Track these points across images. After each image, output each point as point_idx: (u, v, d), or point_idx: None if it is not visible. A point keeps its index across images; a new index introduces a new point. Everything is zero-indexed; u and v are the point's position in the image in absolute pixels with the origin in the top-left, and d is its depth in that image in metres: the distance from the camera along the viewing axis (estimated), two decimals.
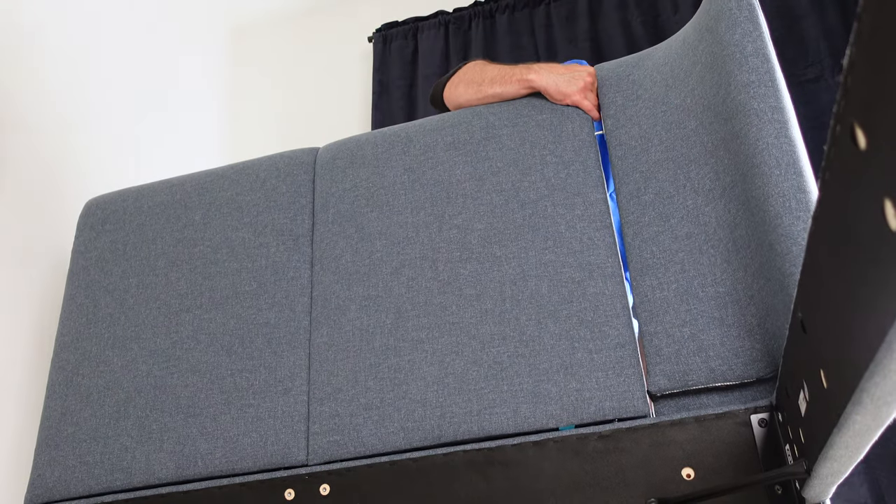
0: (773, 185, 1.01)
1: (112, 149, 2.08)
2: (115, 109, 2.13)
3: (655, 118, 1.23)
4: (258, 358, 1.26)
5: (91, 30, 2.10)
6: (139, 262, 1.43)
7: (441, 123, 1.38)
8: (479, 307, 1.17)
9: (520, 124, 1.32)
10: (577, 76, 1.32)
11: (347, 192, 1.36)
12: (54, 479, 1.28)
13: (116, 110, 2.14)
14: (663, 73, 1.26)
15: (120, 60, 2.21)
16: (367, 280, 1.26)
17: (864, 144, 0.33)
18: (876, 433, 0.50)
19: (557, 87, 1.31)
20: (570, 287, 1.15)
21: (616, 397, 1.06)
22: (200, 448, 1.22)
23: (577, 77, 1.31)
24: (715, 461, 0.94)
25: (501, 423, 1.09)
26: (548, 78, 1.32)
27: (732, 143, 1.09)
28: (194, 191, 1.47)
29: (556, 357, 1.10)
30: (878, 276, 0.35)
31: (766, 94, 1.07)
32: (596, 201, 1.21)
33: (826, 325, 0.50)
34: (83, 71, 2.02)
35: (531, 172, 1.26)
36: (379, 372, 1.18)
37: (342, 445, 1.15)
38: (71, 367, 1.37)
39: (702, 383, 1.04)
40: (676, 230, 1.13)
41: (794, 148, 1.03)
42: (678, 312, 1.08)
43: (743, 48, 1.11)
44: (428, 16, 2.82)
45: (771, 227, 1.00)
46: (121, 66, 2.21)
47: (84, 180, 1.91)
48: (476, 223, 1.25)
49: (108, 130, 2.08)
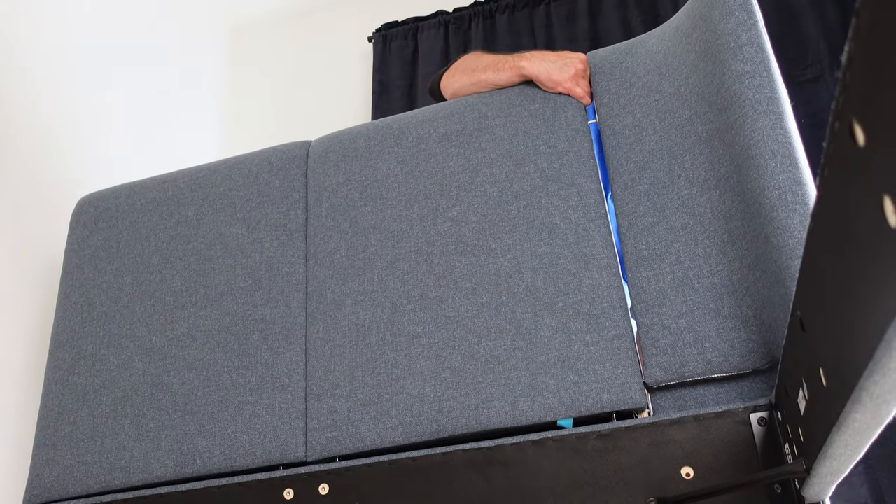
0: (769, 176, 1.00)
1: (112, 149, 2.07)
2: (114, 109, 2.12)
3: (649, 107, 1.22)
4: (254, 354, 1.26)
5: (90, 29, 2.08)
6: (133, 260, 1.42)
7: (433, 114, 1.36)
8: (475, 300, 1.17)
9: (512, 114, 1.31)
10: (569, 63, 1.31)
11: (340, 186, 1.35)
12: (52, 479, 1.27)
13: (116, 110, 2.13)
14: (657, 60, 1.25)
15: (119, 60, 2.20)
16: (363, 274, 1.26)
17: (863, 141, 0.33)
18: (875, 432, 0.49)
19: (549, 75, 1.30)
20: (566, 279, 1.14)
21: (614, 389, 1.05)
22: (199, 446, 1.21)
23: (569, 64, 1.31)
24: (714, 460, 0.94)
25: (499, 417, 1.08)
26: (539, 65, 1.31)
27: (727, 133, 1.08)
28: (187, 187, 1.46)
29: (553, 350, 1.10)
30: (877, 273, 0.34)
31: (761, 84, 1.06)
32: (590, 192, 1.20)
33: (825, 323, 0.49)
34: (82, 70, 2.01)
35: (525, 163, 1.25)
36: (376, 367, 1.18)
37: (340, 441, 1.15)
38: (67, 366, 1.36)
39: (698, 375, 1.04)
40: (671, 221, 1.13)
41: (789, 139, 1.02)
42: (674, 304, 1.07)
43: (737, 37, 1.10)
44: (428, 16, 2.81)
45: (767, 220, 0.99)
46: (120, 65, 2.20)
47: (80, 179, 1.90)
48: (470, 215, 1.24)
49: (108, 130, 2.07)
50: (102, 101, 2.07)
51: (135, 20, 2.32)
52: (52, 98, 1.88)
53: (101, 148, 2.03)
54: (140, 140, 2.23)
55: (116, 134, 2.11)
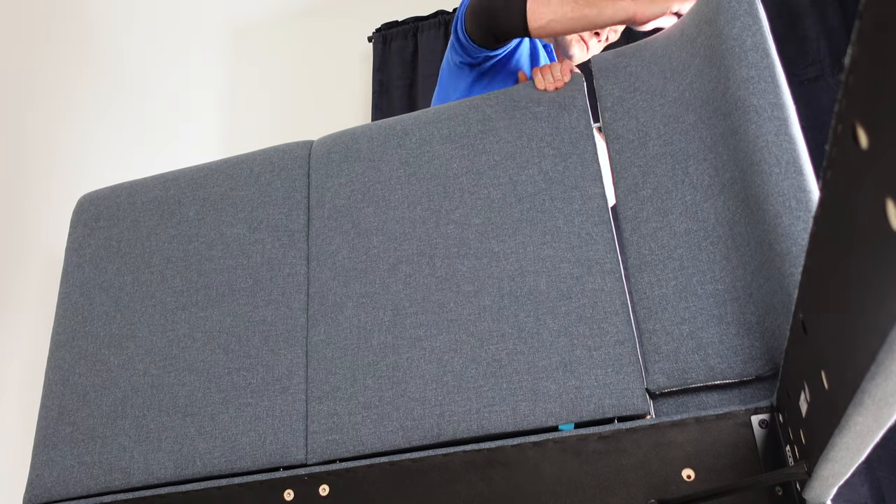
0: (773, 183, 1.00)
1: (111, 149, 2.07)
2: (114, 108, 2.12)
3: (653, 111, 1.22)
4: (255, 356, 1.26)
5: (90, 29, 2.08)
6: (134, 259, 1.42)
7: (437, 116, 1.36)
8: (478, 304, 1.17)
9: (517, 117, 1.31)
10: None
11: (343, 187, 1.35)
12: (52, 479, 1.27)
13: (116, 109, 2.13)
14: (661, 65, 1.25)
15: (119, 60, 2.20)
16: (364, 276, 1.26)
17: (865, 144, 0.33)
18: (877, 434, 0.49)
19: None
20: (569, 283, 1.14)
21: (616, 395, 1.05)
22: (199, 447, 1.21)
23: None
24: (715, 462, 0.94)
25: (501, 422, 1.08)
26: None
27: (731, 139, 1.08)
28: (188, 186, 1.46)
29: (556, 354, 1.10)
30: (879, 276, 0.34)
31: (766, 90, 1.06)
32: (594, 195, 1.20)
33: (827, 326, 0.49)
34: (81, 69, 2.01)
35: (528, 166, 1.25)
36: (377, 370, 1.17)
37: (341, 444, 1.15)
38: (67, 366, 1.36)
39: (701, 381, 1.03)
40: (675, 226, 1.12)
41: (794, 146, 1.02)
42: (677, 310, 1.07)
43: (742, 42, 1.10)
44: (428, 16, 2.82)
45: (770, 226, 0.99)
46: (120, 65, 2.20)
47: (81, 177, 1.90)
48: (473, 218, 1.24)
49: (107, 130, 2.07)
50: (103, 101, 2.07)
51: (136, 20, 2.33)
52: (52, 97, 1.88)
53: (101, 147, 2.03)
54: (141, 139, 2.23)
55: (117, 133, 2.12)
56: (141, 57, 2.33)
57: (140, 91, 2.28)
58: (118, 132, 2.13)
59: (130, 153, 2.15)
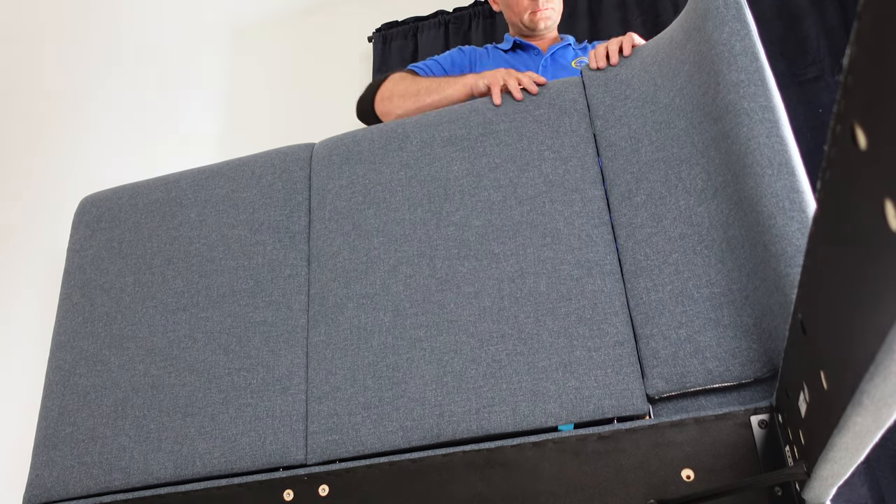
0: (766, 185, 1.01)
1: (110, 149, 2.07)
2: (114, 108, 2.12)
3: (645, 118, 1.22)
4: (256, 356, 1.26)
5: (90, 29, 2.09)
6: (135, 260, 1.42)
7: (438, 119, 1.37)
8: (478, 305, 1.17)
9: (517, 119, 1.31)
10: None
11: (344, 189, 1.35)
12: (52, 479, 1.27)
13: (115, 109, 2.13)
14: (651, 72, 1.26)
15: (121, 60, 2.20)
16: (365, 278, 1.26)
17: (864, 144, 0.33)
18: (876, 435, 0.50)
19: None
20: (569, 284, 1.14)
21: (615, 396, 1.05)
22: (199, 448, 1.21)
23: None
24: (715, 462, 0.94)
25: (500, 422, 1.08)
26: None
27: (723, 142, 1.09)
28: (189, 188, 1.46)
29: (555, 355, 1.10)
30: (878, 276, 0.34)
31: (756, 93, 1.06)
32: (594, 198, 1.20)
33: (826, 326, 0.49)
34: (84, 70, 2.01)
35: (529, 168, 1.26)
36: (377, 370, 1.18)
37: (341, 445, 1.15)
38: (68, 366, 1.36)
39: (699, 385, 1.03)
40: (669, 231, 1.13)
41: (785, 147, 1.02)
42: (674, 314, 1.07)
43: (731, 47, 1.10)
44: (428, 16, 2.82)
45: (765, 228, 0.99)
46: (122, 65, 2.20)
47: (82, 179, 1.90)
48: (474, 220, 1.24)
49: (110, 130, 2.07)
50: (104, 101, 2.08)
51: (136, 20, 2.33)
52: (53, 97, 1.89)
53: (102, 148, 2.04)
54: (141, 140, 2.23)
55: (118, 134, 2.12)
56: (141, 56, 2.33)
57: (141, 91, 2.28)
58: (119, 133, 2.13)
59: (131, 154, 2.15)
